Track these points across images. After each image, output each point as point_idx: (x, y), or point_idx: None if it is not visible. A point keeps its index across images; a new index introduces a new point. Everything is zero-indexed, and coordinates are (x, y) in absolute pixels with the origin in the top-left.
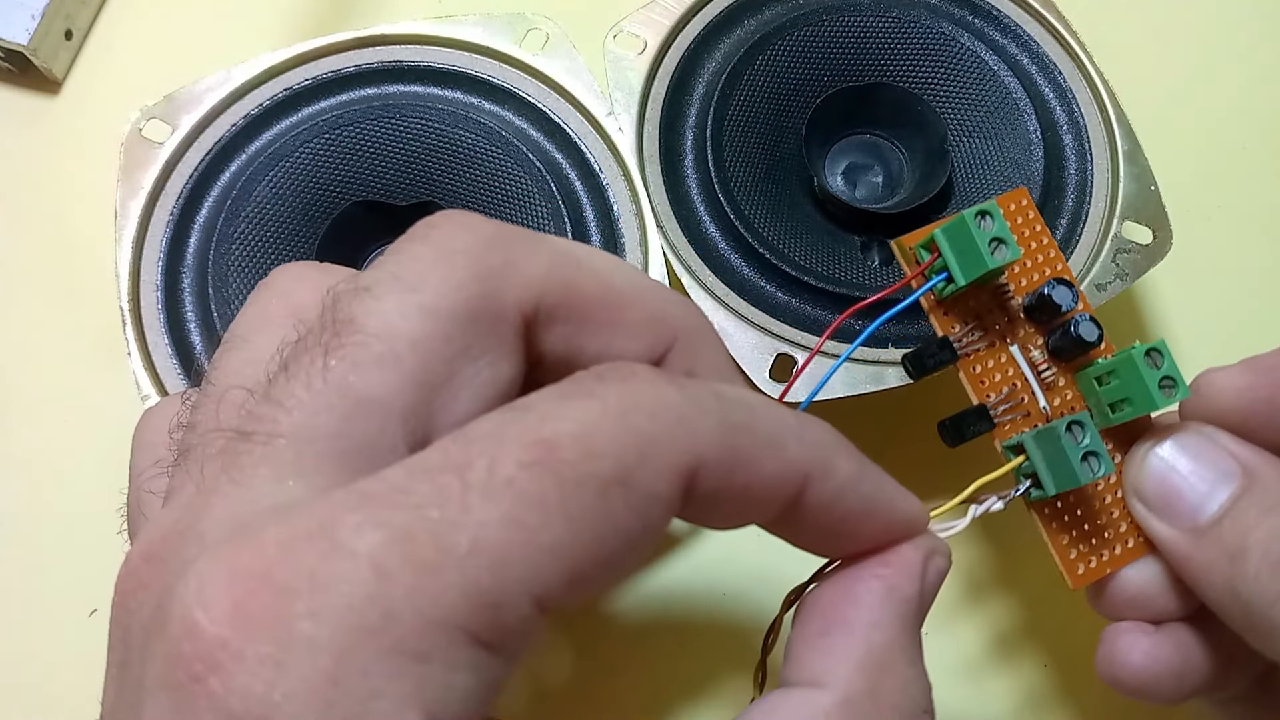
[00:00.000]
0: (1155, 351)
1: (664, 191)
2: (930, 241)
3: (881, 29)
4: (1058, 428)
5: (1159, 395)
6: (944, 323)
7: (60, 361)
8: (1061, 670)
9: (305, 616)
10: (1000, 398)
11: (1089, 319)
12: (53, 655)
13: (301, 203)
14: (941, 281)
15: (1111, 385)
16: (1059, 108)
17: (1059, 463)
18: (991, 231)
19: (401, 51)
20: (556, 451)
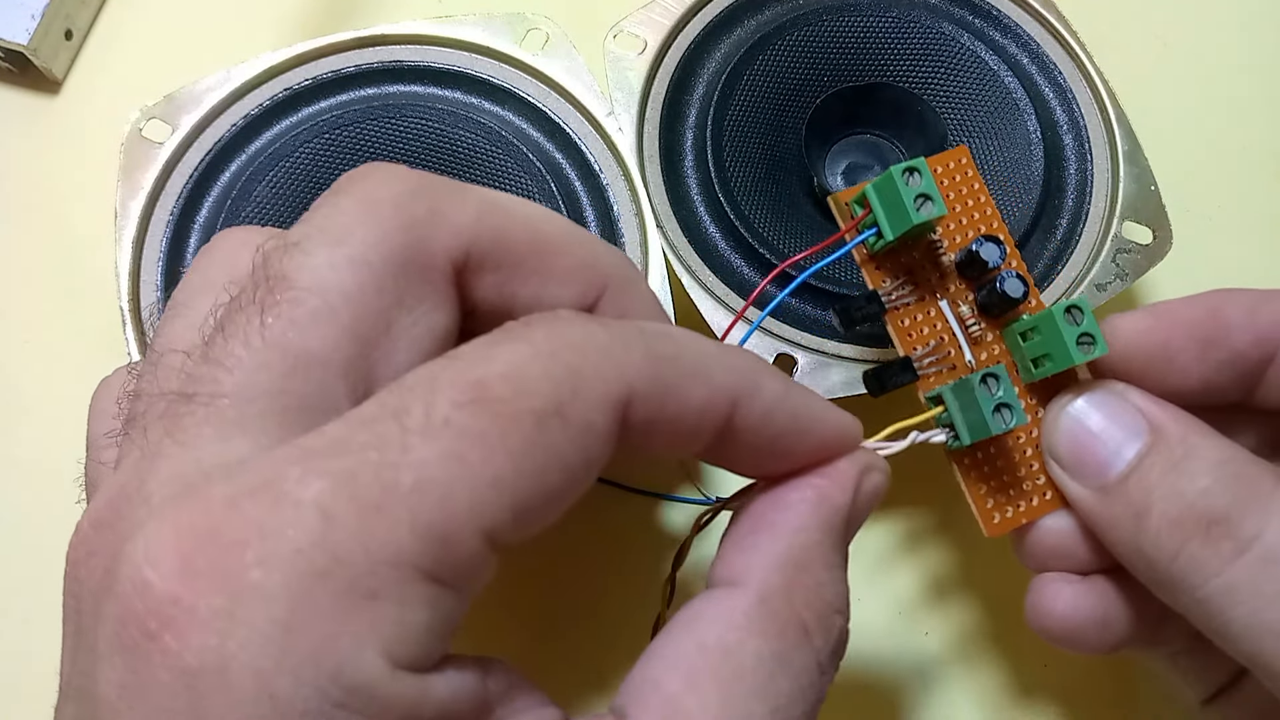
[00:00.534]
0: (1075, 309)
1: (664, 191)
2: (862, 197)
3: (881, 29)
4: (972, 380)
5: (1076, 351)
6: (875, 277)
7: (60, 361)
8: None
9: (254, 566)
10: (926, 351)
11: (1015, 275)
12: (53, 655)
13: (301, 203)
14: (872, 236)
15: (1034, 341)
16: (1059, 108)
17: (973, 414)
18: (918, 188)
19: (401, 51)
20: (490, 390)
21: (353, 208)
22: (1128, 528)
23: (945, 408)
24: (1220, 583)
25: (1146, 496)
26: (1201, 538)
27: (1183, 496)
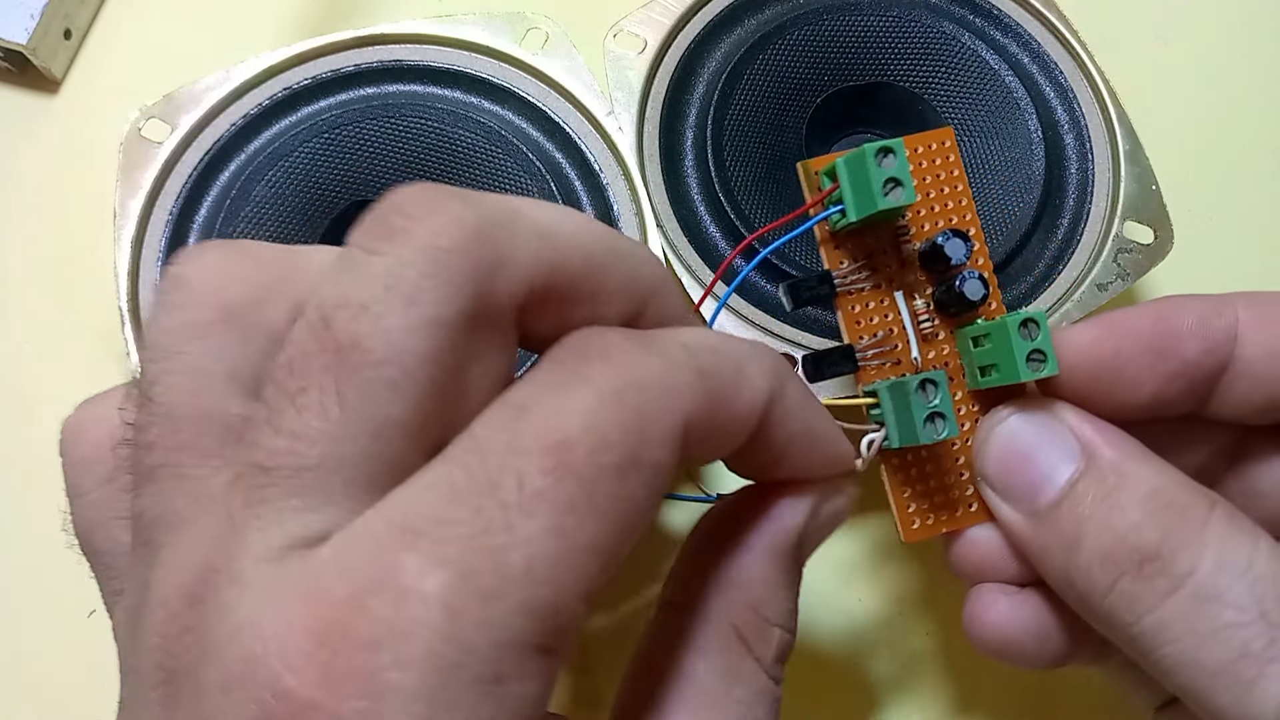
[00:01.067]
0: (1031, 322)
1: (664, 191)
2: (832, 169)
3: (882, 28)
4: (909, 384)
5: (1024, 367)
6: (832, 256)
7: (60, 361)
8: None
9: (391, 667)
10: (872, 341)
11: (977, 276)
12: (53, 655)
13: (301, 202)
14: (837, 213)
15: (984, 349)
16: (1060, 107)
17: (905, 418)
18: (890, 170)
19: (401, 51)
20: (572, 452)
21: (420, 261)
22: (1059, 557)
23: (879, 404)
24: (1153, 620)
25: (1078, 527)
26: (1134, 574)
27: (1114, 530)
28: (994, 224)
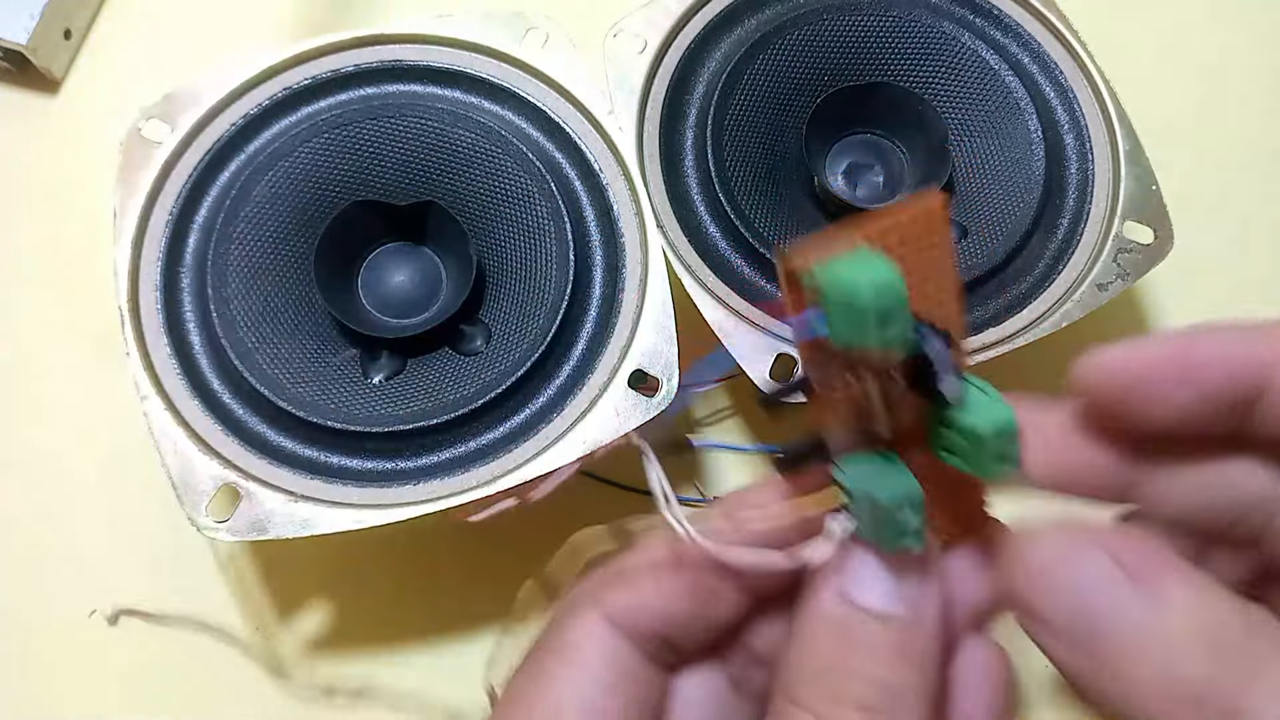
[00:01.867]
0: (1005, 434)
1: (664, 191)
2: (817, 290)
3: (882, 28)
4: (892, 509)
5: (991, 467)
6: (811, 360)
7: (60, 361)
8: None
9: None
10: (842, 430)
11: (955, 373)
12: (53, 655)
13: (300, 202)
14: (825, 329)
15: (952, 434)
16: (1060, 107)
17: (884, 530)
18: (885, 302)
19: (401, 51)
20: None
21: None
22: (1107, 686)
23: (852, 499)
24: None
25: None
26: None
27: (1172, 672)
28: (994, 224)
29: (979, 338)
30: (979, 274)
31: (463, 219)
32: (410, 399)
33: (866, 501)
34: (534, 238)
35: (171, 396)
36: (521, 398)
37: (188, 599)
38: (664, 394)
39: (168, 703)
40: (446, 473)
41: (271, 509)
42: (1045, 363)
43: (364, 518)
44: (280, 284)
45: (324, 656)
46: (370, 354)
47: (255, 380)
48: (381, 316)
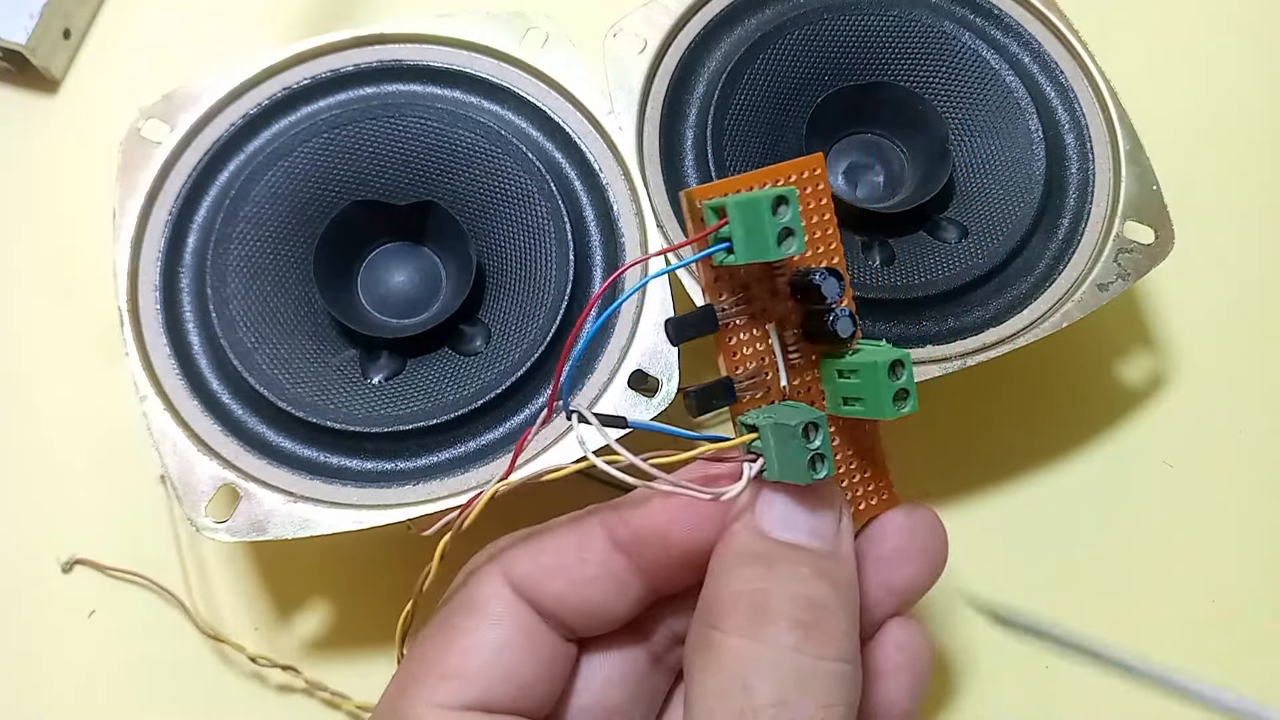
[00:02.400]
0: (899, 364)
1: (664, 191)
2: (721, 207)
3: (882, 28)
4: (795, 427)
5: (890, 407)
6: (713, 290)
7: (59, 361)
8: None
9: None
10: (746, 373)
11: (848, 315)
12: (53, 655)
13: (300, 202)
14: (722, 251)
15: (851, 381)
16: (1060, 107)
17: (788, 457)
18: (784, 220)
19: (400, 50)
20: None
21: None
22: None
23: (759, 436)
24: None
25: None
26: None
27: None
28: (994, 224)
29: (979, 338)
30: (979, 274)
31: (463, 219)
32: (410, 399)
33: (772, 433)
34: (534, 238)
35: (171, 396)
36: (521, 398)
37: (187, 599)
38: (664, 394)
39: (166, 703)
40: (446, 473)
41: (271, 509)
42: (1045, 363)
43: (363, 518)
44: (280, 284)
45: (323, 656)
46: (370, 354)
47: (254, 380)
48: (381, 316)
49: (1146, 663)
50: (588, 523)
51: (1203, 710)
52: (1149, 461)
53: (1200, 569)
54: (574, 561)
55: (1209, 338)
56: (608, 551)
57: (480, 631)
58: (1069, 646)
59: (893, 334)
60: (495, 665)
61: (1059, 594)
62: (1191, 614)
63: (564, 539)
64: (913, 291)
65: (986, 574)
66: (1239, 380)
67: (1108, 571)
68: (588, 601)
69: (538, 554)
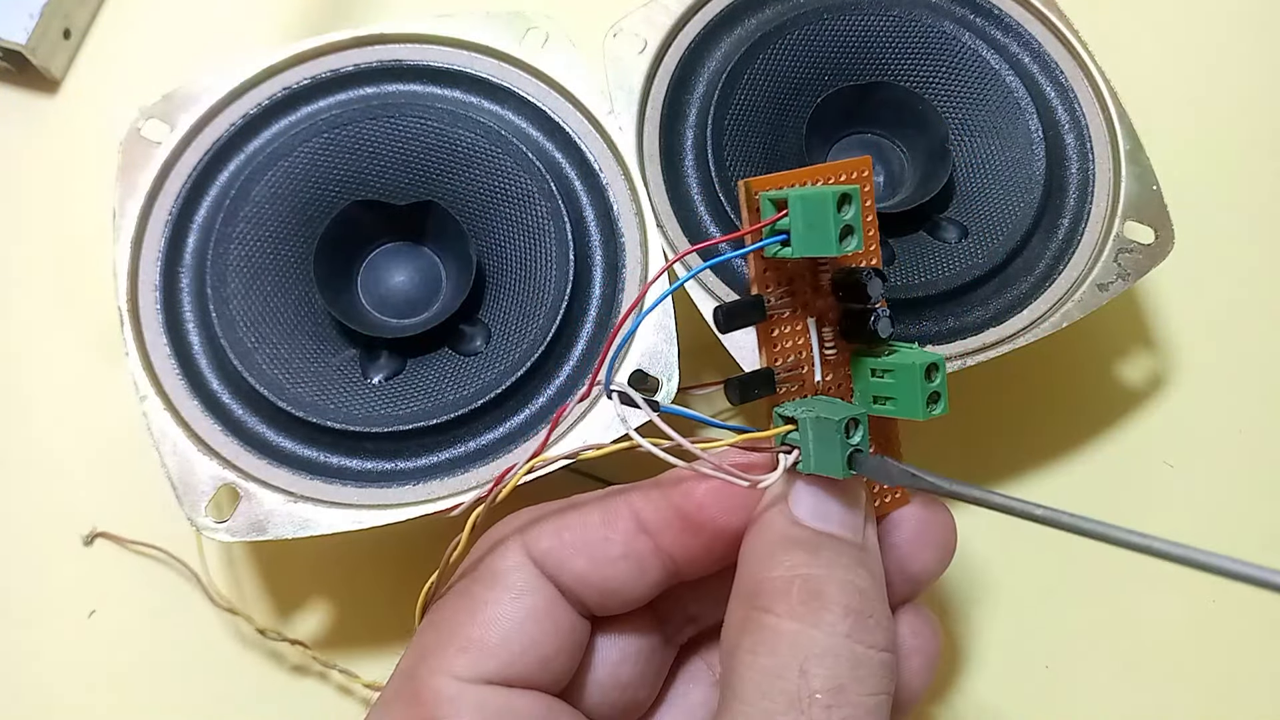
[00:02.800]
0: (934, 367)
1: (664, 191)
2: (780, 200)
3: (882, 28)
4: (839, 423)
5: (923, 409)
6: (762, 280)
7: (59, 361)
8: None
9: None
10: (785, 364)
11: (889, 315)
12: (53, 655)
13: (300, 202)
14: (777, 243)
15: (885, 381)
16: (1060, 107)
17: (827, 451)
18: (848, 217)
19: (400, 50)
20: None
21: None
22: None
23: (796, 429)
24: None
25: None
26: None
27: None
28: (994, 224)
29: (979, 338)
30: (979, 274)
31: (463, 219)
32: (410, 399)
33: (813, 427)
34: (534, 238)
35: (171, 396)
36: (521, 398)
37: (186, 599)
38: (664, 394)
39: (165, 703)
40: (446, 473)
41: (271, 509)
42: (1046, 363)
43: (363, 518)
44: (280, 284)
45: (323, 656)
46: (370, 354)
47: (255, 380)
48: (381, 316)
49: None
50: (614, 503)
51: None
52: (1149, 461)
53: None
54: (598, 540)
55: (1209, 338)
56: (632, 533)
57: (502, 604)
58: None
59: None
60: (517, 638)
61: (1059, 594)
62: (1191, 614)
63: (589, 516)
64: (913, 291)
65: (986, 573)
66: (1239, 380)
67: (1107, 571)
68: (609, 581)
69: (561, 530)
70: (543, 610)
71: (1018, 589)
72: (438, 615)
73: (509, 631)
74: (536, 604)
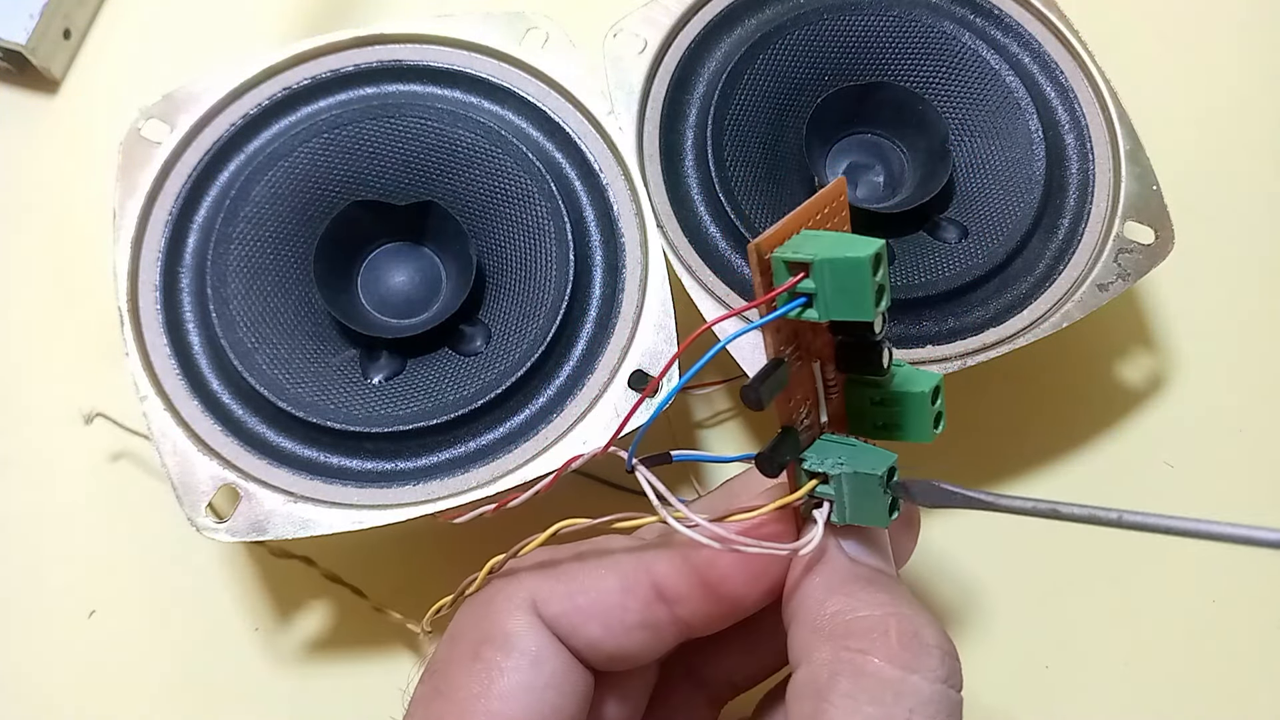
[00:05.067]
0: (938, 390)
1: (664, 191)
2: (801, 263)
3: (882, 28)
4: (880, 477)
5: (931, 432)
6: (777, 342)
7: (59, 361)
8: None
9: None
10: (800, 416)
11: (888, 346)
12: (53, 655)
13: (300, 202)
14: (799, 307)
15: (888, 409)
16: (1060, 107)
17: (866, 504)
18: (879, 278)
19: (400, 50)
20: None
21: None
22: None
23: (829, 482)
24: None
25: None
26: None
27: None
28: (994, 224)
29: (979, 338)
30: (979, 274)
31: (463, 219)
32: (410, 399)
33: (848, 482)
34: (534, 238)
35: (171, 397)
36: (521, 398)
37: (185, 600)
38: (664, 394)
39: (165, 703)
40: (446, 473)
41: (271, 509)
42: (1045, 363)
43: (363, 518)
44: (280, 284)
45: (323, 656)
46: (370, 354)
47: (255, 380)
48: (381, 317)
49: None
50: (631, 569)
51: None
52: (1149, 461)
53: (1200, 569)
54: (615, 607)
55: (1209, 338)
56: (650, 601)
57: (521, 672)
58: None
59: (893, 334)
60: (540, 709)
61: (1059, 594)
62: (1191, 614)
63: (605, 582)
64: (913, 291)
65: (986, 574)
66: (1239, 380)
67: (1108, 572)
68: (624, 649)
69: (575, 594)
70: (561, 675)
71: (1018, 589)
72: (447, 680)
73: (530, 704)
74: (555, 670)
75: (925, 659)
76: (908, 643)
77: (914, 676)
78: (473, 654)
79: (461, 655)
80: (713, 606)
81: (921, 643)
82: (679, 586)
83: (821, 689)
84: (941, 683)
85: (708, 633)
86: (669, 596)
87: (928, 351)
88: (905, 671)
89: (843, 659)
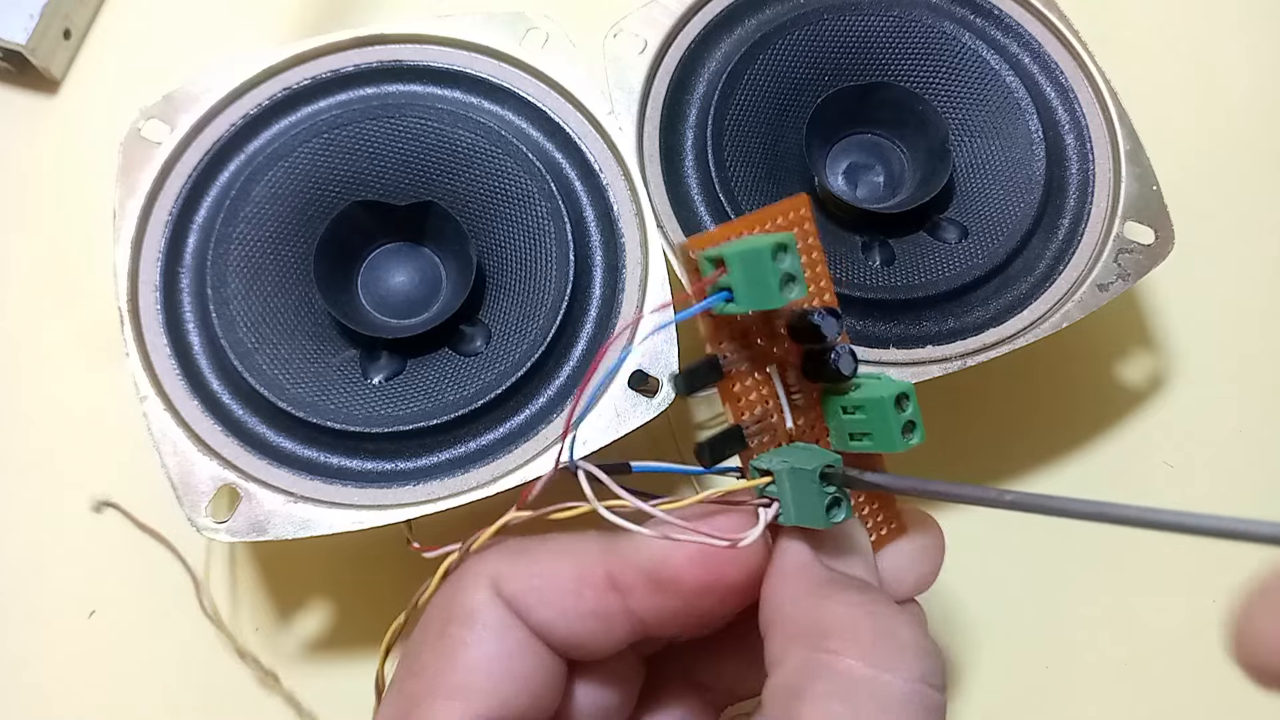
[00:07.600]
0: (904, 397)
1: (664, 191)
2: (719, 258)
3: (882, 28)
4: (813, 472)
5: (900, 440)
6: (714, 338)
7: (59, 361)
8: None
9: None
10: (754, 418)
11: (849, 351)
12: (53, 655)
13: (300, 203)
14: (721, 301)
15: (857, 418)
16: (1060, 107)
17: (807, 503)
18: (785, 266)
19: (401, 51)
20: None
21: None
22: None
23: (774, 481)
24: None
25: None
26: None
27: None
28: (994, 224)
29: (979, 338)
30: (979, 274)
31: (463, 219)
32: (410, 399)
33: (789, 478)
34: (534, 238)
35: (171, 397)
36: (521, 398)
37: (186, 600)
38: (664, 394)
39: (165, 703)
40: (446, 474)
41: (271, 510)
42: (1046, 363)
43: (363, 519)
44: (280, 284)
45: (323, 656)
46: (370, 354)
47: (255, 381)
48: (381, 317)
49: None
50: (588, 557)
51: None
52: (1149, 461)
53: (1200, 569)
54: (569, 594)
55: (1209, 338)
56: (603, 589)
57: (485, 644)
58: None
59: (893, 334)
60: (505, 678)
61: (1059, 594)
62: (1191, 614)
63: (561, 565)
64: (913, 291)
65: (986, 574)
66: (1239, 380)
67: (1107, 572)
68: (576, 635)
69: (532, 575)
70: (525, 645)
71: (1017, 589)
72: (415, 660)
73: (497, 672)
74: (519, 640)
75: (900, 657)
76: (882, 641)
77: (887, 675)
78: (440, 633)
79: (430, 636)
80: (663, 601)
81: (896, 641)
82: (629, 577)
83: (794, 690)
84: (917, 681)
85: (670, 634)
86: (620, 586)
87: (928, 351)
88: (878, 670)
89: (815, 660)
